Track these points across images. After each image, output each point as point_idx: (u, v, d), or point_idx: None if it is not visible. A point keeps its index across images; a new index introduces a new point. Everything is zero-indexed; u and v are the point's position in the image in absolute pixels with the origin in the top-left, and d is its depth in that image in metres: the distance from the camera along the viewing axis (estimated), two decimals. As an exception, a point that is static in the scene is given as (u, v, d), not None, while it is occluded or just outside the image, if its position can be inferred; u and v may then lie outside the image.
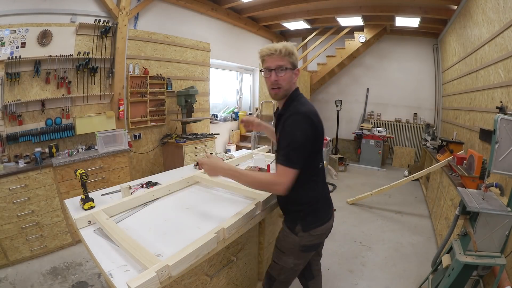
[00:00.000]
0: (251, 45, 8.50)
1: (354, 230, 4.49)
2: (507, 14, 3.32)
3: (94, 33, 4.39)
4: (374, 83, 9.03)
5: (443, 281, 2.51)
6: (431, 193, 5.23)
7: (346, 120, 9.35)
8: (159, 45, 5.47)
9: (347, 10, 6.91)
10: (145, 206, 2.18)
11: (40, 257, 3.59)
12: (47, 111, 4.00)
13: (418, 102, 8.55)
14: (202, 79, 6.58)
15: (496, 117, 2.12)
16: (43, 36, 3.84)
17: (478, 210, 2.17)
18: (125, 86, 4.90)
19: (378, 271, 3.51)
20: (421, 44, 8.27)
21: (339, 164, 7.95)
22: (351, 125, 9.32)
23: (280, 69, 1.72)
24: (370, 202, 5.54)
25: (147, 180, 2.71)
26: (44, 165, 3.54)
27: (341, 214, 5.07)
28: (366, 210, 5.31)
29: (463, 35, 5.34)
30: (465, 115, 5.16)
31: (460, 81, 5.64)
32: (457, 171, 3.60)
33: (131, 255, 1.44)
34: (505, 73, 3.42)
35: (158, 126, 5.69)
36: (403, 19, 6.81)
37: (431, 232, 4.46)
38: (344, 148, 9.08)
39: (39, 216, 3.55)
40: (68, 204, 2.18)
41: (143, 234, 1.74)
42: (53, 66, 3.96)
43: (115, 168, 4.30)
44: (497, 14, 3.64)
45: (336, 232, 4.35)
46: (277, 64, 1.71)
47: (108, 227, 1.68)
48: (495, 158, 2.14)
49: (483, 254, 2.27)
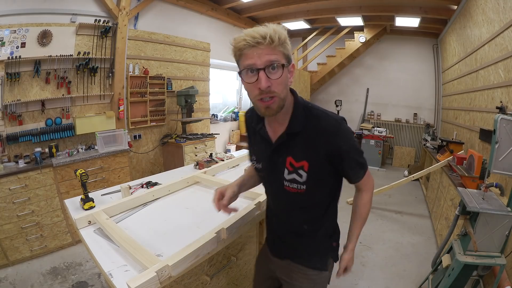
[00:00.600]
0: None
1: (354, 230, 4.49)
2: (507, 14, 3.33)
3: (94, 33, 4.40)
4: (374, 83, 9.03)
5: (443, 281, 2.52)
6: (431, 193, 5.24)
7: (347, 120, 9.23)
8: (159, 45, 5.48)
9: (347, 10, 6.91)
10: (145, 206, 2.18)
11: (40, 257, 3.60)
12: (47, 111, 4.02)
13: (418, 102, 8.56)
14: (202, 79, 6.59)
15: (496, 117, 2.12)
16: (43, 36, 3.85)
17: (478, 210, 2.17)
18: (125, 86, 4.92)
19: (378, 271, 3.52)
20: (421, 44, 8.28)
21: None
22: (351, 125, 9.27)
23: (272, 67, 1.09)
24: (370, 202, 5.52)
25: (147, 180, 2.71)
26: (44, 165, 3.55)
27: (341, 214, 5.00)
28: (366, 210, 5.31)
29: (463, 35, 5.35)
30: (465, 115, 5.17)
31: (460, 81, 5.65)
32: (457, 171, 3.61)
33: (131, 255, 1.44)
34: (505, 73, 3.42)
35: (158, 126, 5.70)
36: (403, 19, 6.81)
37: (431, 232, 4.47)
38: (345, 148, 9.03)
39: (39, 216, 3.57)
40: (68, 204, 2.18)
41: (143, 234, 1.74)
42: (53, 66, 3.97)
43: (115, 168, 4.31)
44: (497, 14, 3.64)
45: (336, 232, 4.36)
46: (268, 59, 1.08)
47: (108, 227, 1.68)
48: (495, 158, 2.14)
49: (483, 254, 2.28)
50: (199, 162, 3.30)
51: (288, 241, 1.55)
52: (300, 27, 8.34)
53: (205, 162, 3.29)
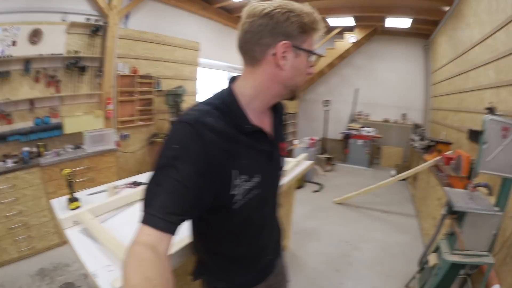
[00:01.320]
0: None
1: (340, 229, 4.57)
2: (500, 15, 3.37)
3: (85, 32, 4.38)
4: (363, 83, 9.11)
5: (430, 280, 2.58)
6: (418, 192, 5.36)
7: (335, 120, 9.37)
8: (149, 44, 5.47)
9: (338, 10, 6.95)
10: (130, 206, 2.19)
11: (28, 258, 3.59)
12: (36, 110, 3.99)
13: (407, 102, 8.69)
14: (191, 79, 6.59)
15: (485, 117, 2.17)
16: (34, 34, 3.82)
17: (464, 210, 2.23)
18: (114, 85, 4.91)
19: (364, 271, 3.59)
20: (412, 45, 8.40)
21: (327, 164, 8.02)
22: (339, 125, 9.39)
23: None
24: (356, 202, 5.62)
25: (133, 179, 2.73)
26: (32, 164, 3.55)
27: (327, 213, 5.16)
28: (353, 209, 5.40)
29: (454, 36, 5.44)
30: (454, 115, 5.26)
31: (450, 82, 5.74)
32: (445, 171, 3.73)
33: (116, 255, 1.45)
34: (495, 74, 3.49)
35: (146, 126, 5.70)
36: (395, 19, 6.88)
37: (418, 232, 4.57)
38: (332, 148, 9.13)
39: (27, 216, 3.55)
40: (55, 204, 2.17)
41: (128, 234, 1.70)
42: (43, 65, 3.96)
43: (102, 167, 4.32)
44: (489, 15, 3.70)
45: (323, 232, 4.43)
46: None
47: (93, 227, 1.70)
48: (483, 158, 2.17)
49: (471, 253, 2.33)
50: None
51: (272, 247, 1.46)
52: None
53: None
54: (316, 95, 9.91)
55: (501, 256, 2.62)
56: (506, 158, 2.14)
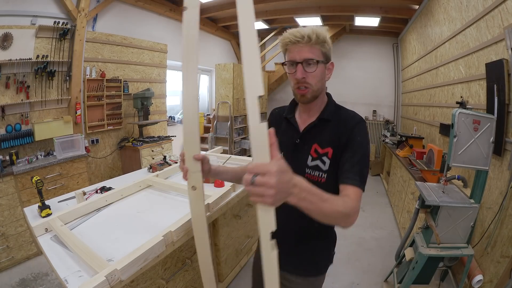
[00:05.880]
0: (209, 46, 8.72)
1: (314, 226, 4.66)
2: (470, 12, 3.51)
3: (53, 36, 4.40)
4: (332, 81, 9.13)
5: (408, 273, 2.62)
6: (392, 187, 5.55)
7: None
8: (116, 47, 5.53)
9: (306, 10, 7.10)
10: (98, 211, 2.29)
11: (9, 269, 3.60)
12: (7, 117, 4.01)
13: (378, 99, 8.92)
14: (159, 81, 6.66)
15: (454, 111, 2.20)
16: (4, 39, 3.82)
17: (437, 204, 2.29)
18: (82, 89, 4.94)
19: (341, 267, 3.64)
20: (381, 43, 8.61)
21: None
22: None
23: (309, 62, 1.28)
24: (330, 198, 5.70)
25: (102, 185, 2.84)
26: (5, 173, 3.55)
27: (300, 211, 5.25)
28: (327, 206, 5.49)
29: (423, 33, 5.64)
30: (425, 110, 5.49)
31: (420, 78, 5.97)
32: (417, 165, 3.82)
33: (84, 260, 1.53)
34: (466, 69, 3.64)
35: (115, 130, 5.78)
36: (363, 18, 7.04)
37: (394, 226, 4.72)
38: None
39: (4, 226, 3.57)
40: (27, 212, 2.26)
41: (96, 240, 1.83)
42: (12, 71, 3.97)
43: (73, 174, 4.40)
44: (459, 12, 3.85)
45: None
46: (305, 56, 1.28)
47: (62, 234, 1.77)
48: (454, 152, 2.20)
49: (448, 246, 2.40)
50: (152, 165, 3.43)
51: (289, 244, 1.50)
52: (258, 27, 8.48)
53: (158, 165, 3.42)
54: (285, 94, 10.22)
55: (481, 247, 2.74)
56: (478, 150, 2.20)
